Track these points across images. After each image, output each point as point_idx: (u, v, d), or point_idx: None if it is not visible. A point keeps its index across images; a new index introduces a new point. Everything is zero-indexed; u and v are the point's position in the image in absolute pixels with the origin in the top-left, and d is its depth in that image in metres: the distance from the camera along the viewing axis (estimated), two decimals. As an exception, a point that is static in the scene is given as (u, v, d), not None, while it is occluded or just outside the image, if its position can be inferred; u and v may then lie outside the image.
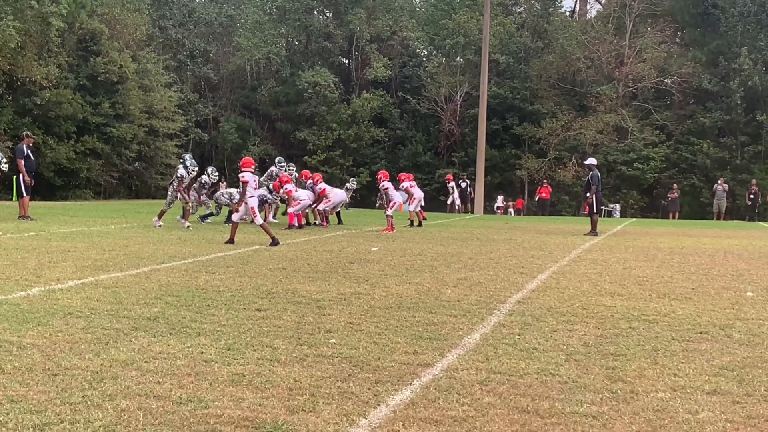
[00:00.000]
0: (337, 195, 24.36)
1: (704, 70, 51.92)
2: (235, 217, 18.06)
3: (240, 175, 17.41)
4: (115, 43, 45.75)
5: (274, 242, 16.77)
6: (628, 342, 7.71)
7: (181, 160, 22.23)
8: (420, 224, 24.85)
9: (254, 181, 17.56)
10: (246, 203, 17.23)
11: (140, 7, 49.83)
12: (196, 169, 22.16)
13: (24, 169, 22.31)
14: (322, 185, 23.47)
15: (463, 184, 44.41)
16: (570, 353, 7.14)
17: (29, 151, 22.50)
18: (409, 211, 25.53)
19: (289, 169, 23.67)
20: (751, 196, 41.34)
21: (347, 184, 32.13)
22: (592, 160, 24.40)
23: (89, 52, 44.93)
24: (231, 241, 16.94)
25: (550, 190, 47.44)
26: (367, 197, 50.74)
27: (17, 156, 22.56)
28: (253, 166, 17.54)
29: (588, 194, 23.33)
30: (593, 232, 23.06)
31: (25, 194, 22.37)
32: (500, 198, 50.52)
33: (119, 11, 46.83)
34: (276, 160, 23.60)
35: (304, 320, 8.38)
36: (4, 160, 22.27)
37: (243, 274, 12.00)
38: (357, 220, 27.98)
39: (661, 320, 8.94)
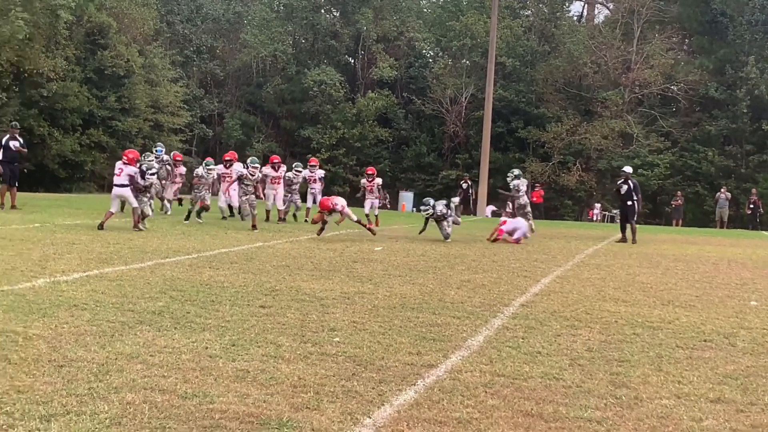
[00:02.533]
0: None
1: (711, 78, 51.80)
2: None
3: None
4: (122, 37, 45.72)
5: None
6: (632, 348, 7.71)
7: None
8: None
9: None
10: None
11: (148, 1, 49.75)
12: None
13: None
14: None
15: (464, 185, 44.38)
16: (574, 358, 7.15)
17: (9, 143, 22.54)
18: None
19: (252, 167, 22.77)
20: (751, 206, 41.31)
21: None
22: (629, 169, 24.32)
23: (97, 46, 44.93)
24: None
25: (543, 193, 47.34)
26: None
27: None
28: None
29: (630, 202, 23.14)
30: (634, 239, 22.87)
31: (1, 183, 22.72)
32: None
33: (127, 5, 46.78)
34: (249, 161, 22.98)
35: (307, 318, 8.40)
36: None
37: (247, 270, 12.02)
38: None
39: (665, 327, 8.94)
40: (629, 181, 23.27)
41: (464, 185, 44.07)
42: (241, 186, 21.65)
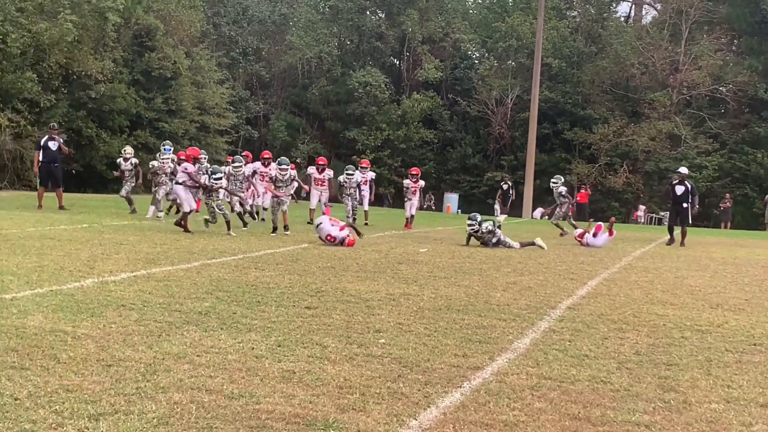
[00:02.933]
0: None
1: (760, 79, 51.22)
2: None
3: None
4: (169, 39, 46.12)
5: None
6: (681, 352, 7.62)
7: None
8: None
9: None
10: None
11: (195, 3, 50.16)
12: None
13: (37, 159, 23.09)
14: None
15: (505, 186, 44.25)
16: (622, 361, 7.08)
17: (48, 143, 22.81)
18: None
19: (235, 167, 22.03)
20: None
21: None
22: (684, 170, 23.99)
23: (144, 48, 45.37)
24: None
25: (588, 194, 47.06)
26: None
27: (35, 148, 23.60)
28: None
29: (685, 204, 22.70)
30: (683, 241, 22.58)
31: (39, 185, 23.15)
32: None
33: (174, 7, 47.19)
34: (233, 159, 22.30)
35: (353, 319, 8.39)
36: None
37: (292, 271, 12.04)
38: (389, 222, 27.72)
39: (714, 331, 8.83)
40: (685, 183, 22.78)
41: (504, 186, 43.92)
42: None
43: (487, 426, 5.14)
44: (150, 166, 22.85)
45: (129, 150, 24.17)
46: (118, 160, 24.25)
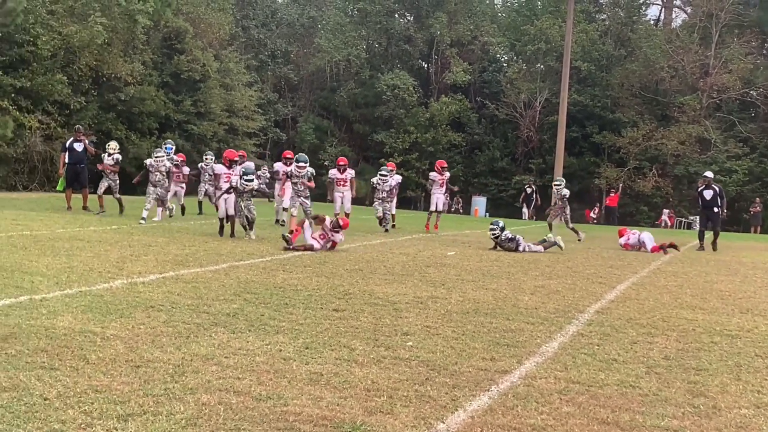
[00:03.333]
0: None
1: (791, 83, 50.86)
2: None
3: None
4: (198, 41, 46.33)
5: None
6: (710, 357, 7.57)
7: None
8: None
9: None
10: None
11: (224, 6, 50.38)
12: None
13: (62, 161, 23.21)
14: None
15: (528, 190, 44.14)
16: (650, 366, 7.04)
17: (74, 145, 22.90)
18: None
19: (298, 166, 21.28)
20: None
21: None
22: (710, 174, 23.65)
23: (173, 50, 45.58)
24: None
25: (618, 197, 46.88)
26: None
27: (61, 150, 23.83)
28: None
29: (715, 209, 22.41)
30: (714, 246, 22.32)
31: (66, 187, 23.17)
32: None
33: (203, 10, 47.41)
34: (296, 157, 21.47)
35: (380, 322, 8.39)
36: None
37: (320, 273, 12.06)
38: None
39: (744, 336, 8.77)
40: (713, 186, 22.50)
41: (528, 189, 43.83)
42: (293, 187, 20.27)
43: (514, 430, 5.13)
44: (145, 164, 22.20)
45: (114, 145, 23.47)
46: (102, 155, 23.44)
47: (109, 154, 22.92)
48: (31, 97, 36.11)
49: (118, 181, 22.97)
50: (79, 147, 22.84)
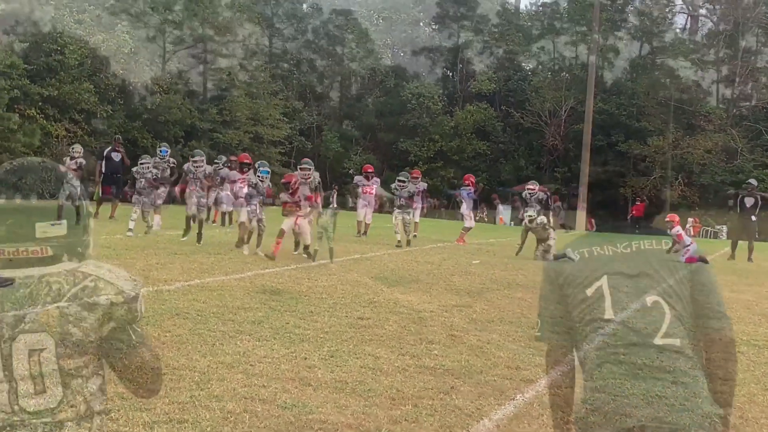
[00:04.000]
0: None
1: (818, 92, 50.54)
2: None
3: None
4: (224, 50, 46.58)
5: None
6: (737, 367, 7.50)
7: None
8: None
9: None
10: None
11: (250, 16, 50.63)
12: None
13: (98, 171, 23.04)
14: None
15: (543, 196, 43.93)
16: (677, 375, 6.98)
17: (111, 154, 22.92)
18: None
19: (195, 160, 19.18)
20: None
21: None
22: (754, 182, 23.25)
23: (198, 59, 45.84)
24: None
25: (644, 207, 46.59)
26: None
27: (98, 158, 23.58)
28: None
29: (754, 217, 22.06)
30: (750, 256, 22.00)
31: (101, 195, 22.90)
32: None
33: (230, 20, 47.68)
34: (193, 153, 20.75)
35: (405, 330, 8.39)
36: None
37: (345, 282, 12.06)
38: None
39: (772, 346, 8.71)
40: (755, 195, 22.13)
41: (542, 195, 43.64)
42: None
43: (540, 439, 5.11)
44: (131, 170, 20.62)
45: (78, 149, 22.55)
46: (64, 158, 22.57)
47: (72, 158, 21.90)
48: (58, 106, 36.43)
49: (80, 187, 22.51)
50: (116, 157, 22.87)
